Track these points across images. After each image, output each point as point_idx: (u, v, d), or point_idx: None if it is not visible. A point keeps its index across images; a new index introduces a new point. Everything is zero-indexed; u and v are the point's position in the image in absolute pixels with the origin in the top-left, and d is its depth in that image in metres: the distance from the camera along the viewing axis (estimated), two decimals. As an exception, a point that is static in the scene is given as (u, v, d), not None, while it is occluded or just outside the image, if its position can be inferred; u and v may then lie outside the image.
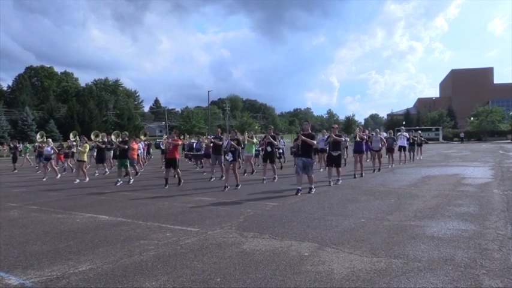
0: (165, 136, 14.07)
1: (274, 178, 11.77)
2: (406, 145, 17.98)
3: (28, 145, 24.90)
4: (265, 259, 4.16)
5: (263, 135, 15.43)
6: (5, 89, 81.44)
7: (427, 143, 24.75)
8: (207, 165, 15.43)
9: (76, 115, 67.02)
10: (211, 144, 12.83)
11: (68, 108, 70.08)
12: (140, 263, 4.13)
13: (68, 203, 8.60)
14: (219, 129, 13.75)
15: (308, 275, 3.67)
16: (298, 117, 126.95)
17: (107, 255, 4.46)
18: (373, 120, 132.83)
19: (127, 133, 14.21)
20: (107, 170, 15.95)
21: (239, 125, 70.94)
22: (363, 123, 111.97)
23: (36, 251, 4.75)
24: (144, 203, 8.18)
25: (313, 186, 9.10)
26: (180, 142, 12.12)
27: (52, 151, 15.30)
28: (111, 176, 14.69)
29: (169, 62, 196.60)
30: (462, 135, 55.17)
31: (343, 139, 11.56)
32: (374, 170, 13.68)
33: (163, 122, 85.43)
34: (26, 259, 4.42)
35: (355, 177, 11.90)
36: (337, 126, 11.40)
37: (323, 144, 13.48)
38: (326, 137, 12.98)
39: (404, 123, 60.92)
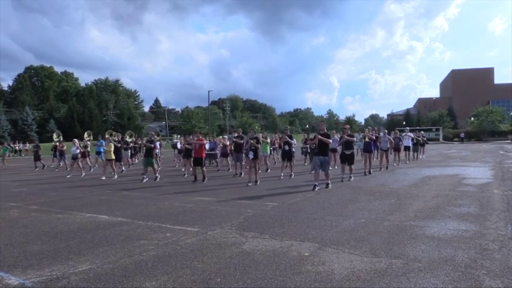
0: (175, 136, 14.75)
1: (291, 175, 12.47)
2: (410, 145, 18.59)
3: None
4: (266, 259, 4.16)
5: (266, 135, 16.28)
6: (5, 88, 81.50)
7: (427, 143, 25.12)
8: (223, 164, 16.42)
9: (76, 115, 67.06)
10: (233, 143, 14.03)
11: (68, 108, 70.13)
12: (140, 263, 4.13)
13: (68, 203, 8.60)
14: (240, 129, 14.88)
15: (308, 275, 3.67)
16: (298, 118, 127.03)
17: (107, 255, 4.45)
18: (373, 121, 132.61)
19: (153, 133, 15.27)
20: (123, 168, 16.35)
21: (239, 125, 70.88)
22: (363, 123, 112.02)
23: (36, 251, 4.75)
24: (144, 203, 8.17)
25: (329, 182, 9.82)
26: (204, 142, 13.06)
27: (78, 150, 15.85)
28: (122, 175, 14.73)
29: (169, 62, 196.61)
30: (462, 135, 55.12)
31: (355, 139, 12.40)
32: (381, 168, 14.33)
33: (164, 122, 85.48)
34: (26, 259, 4.41)
35: (365, 174, 12.62)
36: (348, 126, 12.33)
37: (335, 144, 14.16)
38: (338, 137, 14.19)
39: (404, 123, 60.93)
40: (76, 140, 16.63)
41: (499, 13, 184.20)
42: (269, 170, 14.52)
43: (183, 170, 15.12)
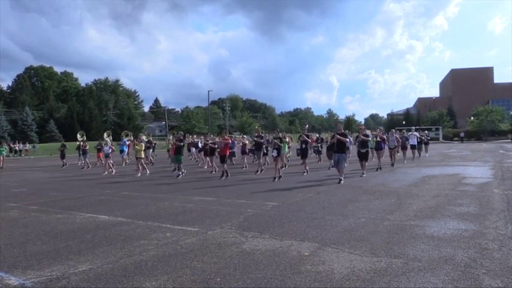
0: (190, 136, 15.84)
1: (305, 172, 13.21)
2: (416, 143, 19.68)
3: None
4: (265, 259, 4.16)
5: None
6: (4, 89, 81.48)
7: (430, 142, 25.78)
8: (244, 161, 17.36)
9: (76, 115, 67.01)
10: (254, 142, 15.52)
11: (67, 108, 70.11)
12: (140, 263, 4.13)
13: (68, 203, 8.60)
14: (259, 130, 16.29)
15: (308, 274, 3.67)
16: (298, 117, 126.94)
17: (107, 255, 4.45)
18: (373, 120, 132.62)
19: (182, 132, 16.54)
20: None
21: (239, 124, 70.95)
22: (363, 122, 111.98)
23: (36, 251, 4.75)
24: (144, 203, 8.17)
25: (342, 178, 10.59)
26: (230, 141, 14.02)
27: (110, 150, 16.52)
28: (130, 173, 14.77)
29: (168, 62, 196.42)
30: (462, 134, 55.11)
31: (369, 138, 13.28)
32: (393, 165, 15.44)
33: (163, 122, 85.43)
34: (26, 259, 4.41)
35: (376, 170, 13.60)
36: (364, 127, 13.59)
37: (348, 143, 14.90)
38: (354, 137, 15.56)
39: (404, 122, 60.91)
40: (108, 140, 17.16)
41: (498, 12, 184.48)
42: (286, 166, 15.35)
43: (205, 167, 15.79)
